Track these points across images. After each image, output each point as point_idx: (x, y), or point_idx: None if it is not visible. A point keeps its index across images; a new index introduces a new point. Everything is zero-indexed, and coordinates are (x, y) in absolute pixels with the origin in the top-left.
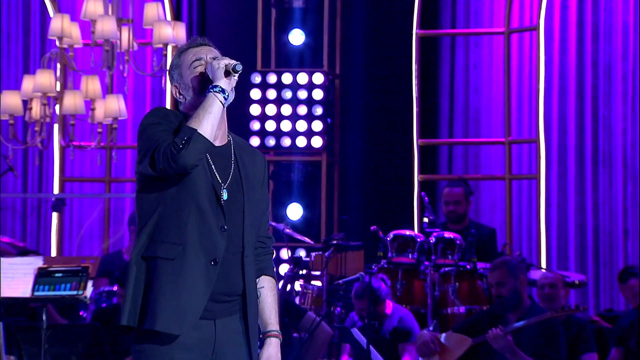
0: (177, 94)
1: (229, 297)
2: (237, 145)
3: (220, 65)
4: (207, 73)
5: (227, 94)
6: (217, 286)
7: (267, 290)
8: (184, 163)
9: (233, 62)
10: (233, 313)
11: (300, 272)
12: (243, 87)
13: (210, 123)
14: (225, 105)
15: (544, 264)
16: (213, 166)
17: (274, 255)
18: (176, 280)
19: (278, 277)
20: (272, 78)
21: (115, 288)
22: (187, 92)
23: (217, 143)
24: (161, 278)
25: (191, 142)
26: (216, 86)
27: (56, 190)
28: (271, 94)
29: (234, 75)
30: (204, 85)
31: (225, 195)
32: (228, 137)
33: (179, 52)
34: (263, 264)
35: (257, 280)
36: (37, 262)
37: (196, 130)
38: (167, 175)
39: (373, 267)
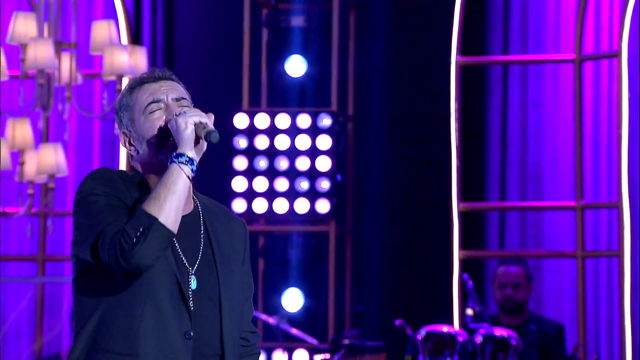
0: (127, 144)
1: None
2: (206, 211)
3: (188, 125)
4: (167, 125)
5: (195, 164)
6: None
7: None
8: (139, 263)
9: (204, 119)
10: None
11: None
12: (224, 133)
13: (175, 206)
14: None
15: None
16: (177, 244)
17: None
18: None
19: None
20: (262, 120)
21: None
22: (140, 145)
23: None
24: None
25: (149, 235)
26: (182, 155)
27: None
28: (262, 141)
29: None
30: (163, 138)
31: (194, 284)
32: (194, 200)
33: (130, 87)
34: None
35: None
36: None
37: (157, 219)
38: None
39: None
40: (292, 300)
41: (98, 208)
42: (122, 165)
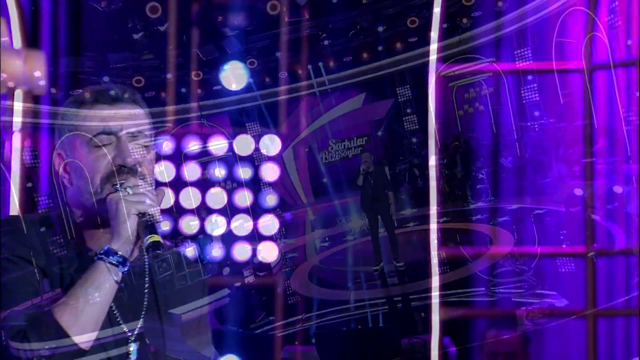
0: (60, 168)
1: None
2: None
3: (130, 215)
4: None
5: (128, 265)
6: None
7: None
8: None
9: (152, 208)
10: None
11: None
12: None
13: (94, 320)
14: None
15: None
16: (113, 304)
17: None
18: None
19: None
20: None
21: None
22: (77, 178)
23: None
24: None
25: (56, 355)
26: (113, 253)
27: None
28: None
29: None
30: (104, 186)
31: (133, 354)
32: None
33: (79, 102)
34: None
35: None
36: None
37: (68, 337)
38: None
39: None
40: None
41: (5, 282)
42: (13, 202)
